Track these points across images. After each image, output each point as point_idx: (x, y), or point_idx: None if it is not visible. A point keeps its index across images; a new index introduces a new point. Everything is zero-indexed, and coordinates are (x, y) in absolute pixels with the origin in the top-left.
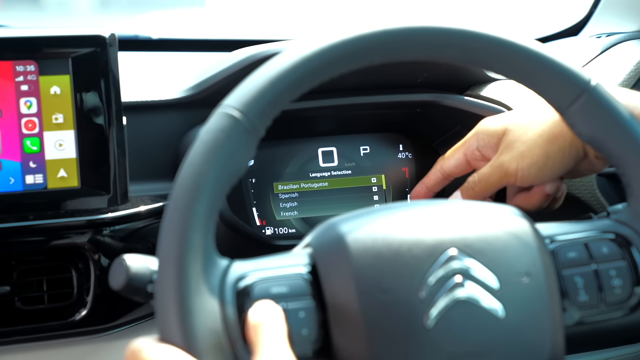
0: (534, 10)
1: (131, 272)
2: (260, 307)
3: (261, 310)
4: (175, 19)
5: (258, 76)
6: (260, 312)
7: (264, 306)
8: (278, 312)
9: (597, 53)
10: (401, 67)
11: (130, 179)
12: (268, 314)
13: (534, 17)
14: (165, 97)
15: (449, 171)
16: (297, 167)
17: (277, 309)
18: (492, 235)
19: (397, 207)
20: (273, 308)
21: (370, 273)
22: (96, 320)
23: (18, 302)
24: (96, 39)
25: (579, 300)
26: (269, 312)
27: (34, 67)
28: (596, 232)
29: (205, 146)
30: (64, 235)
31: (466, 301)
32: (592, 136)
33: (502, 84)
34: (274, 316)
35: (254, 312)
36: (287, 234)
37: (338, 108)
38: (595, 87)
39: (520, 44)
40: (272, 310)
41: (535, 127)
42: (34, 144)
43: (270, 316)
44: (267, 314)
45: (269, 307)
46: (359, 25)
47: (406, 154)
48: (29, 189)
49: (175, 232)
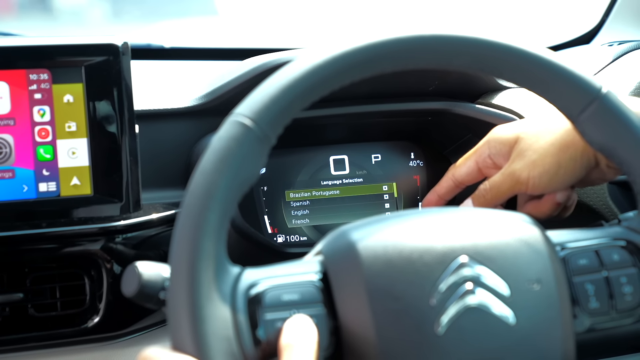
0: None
1: (143, 279)
2: (294, 325)
3: (295, 330)
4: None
5: (269, 84)
6: (293, 332)
7: (298, 324)
8: (311, 331)
9: (608, 61)
10: (412, 75)
11: (143, 187)
12: (301, 335)
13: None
14: (177, 105)
15: (460, 179)
16: (308, 175)
17: (311, 328)
18: (502, 243)
19: (408, 214)
20: (307, 327)
21: (381, 280)
22: (109, 328)
23: (31, 309)
24: (109, 48)
25: (590, 307)
26: (301, 333)
27: (47, 76)
28: (607, 240)
29: (217, 154)
30: (76, 242)
31: (477, 308)
32: (603, 144)
33: (514, 92)
34: (305, 338)
35: (288, 331)
36: (298, 241)
37: (349, 116)
38: (607, 95)
39: (532, 52)
40: (305, 331)
41: (547, 136)
42: (47, 152)
43: (302, 338)
44: (300, 335)
45: (303, 325)
46: (370, 33)
47: (417, 162)
48: (42, 197)
49: (187, 239)
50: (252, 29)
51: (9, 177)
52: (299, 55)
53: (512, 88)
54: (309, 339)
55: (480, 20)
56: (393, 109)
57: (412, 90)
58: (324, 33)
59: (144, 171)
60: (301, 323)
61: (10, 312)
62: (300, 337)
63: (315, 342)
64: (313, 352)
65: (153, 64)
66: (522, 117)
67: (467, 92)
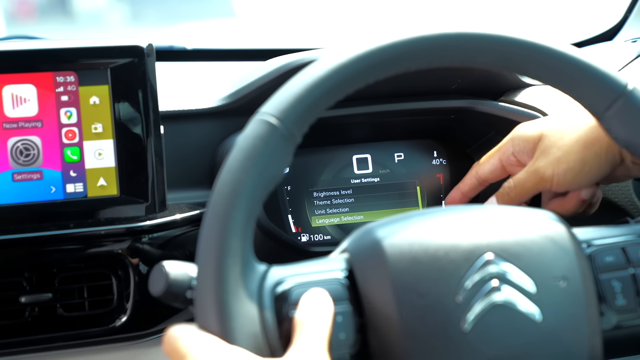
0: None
1: (170, 278)
2: (310, 301)
3: (309, 305)
4: (206, 30)
5: (295, 83)
6: (307, 308)
7: (314, 299)
8: (327, 306)
9: (632, 57)
10: (435, 74)
11: (168, 187)
12: (316, 311)
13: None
14: (201, 106)
15: (484, 176)
16: (332, 175)
17: (326, 303)
18: (528, 240)
19: (433, 212)
20: (322, 302)
21: (407, 277)
22: (136, 327)
23: (60, 309)
24: (134, 50)
25: (617, 305)
26: (317, 309)
27: (73, 78)
28: (633, 237)
29: (243, 153)
30: (103, 243)
31: (503, 305)
32: (628, 141)
33: (537, 90)
34: (320, 314)
35: (303, 307)
36: (322, 240)
37: (372, 115)
38: (632, 91)
39: (557, 49)
40: (321, 306)
41: (571, 133)
42: (74, 153)
43: (317, 314)
44: (315, 311)
45: (318, 300)
46: (394, 32)
47: (440, 160)
48: (70, 198)
49: (214, 237)
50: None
51: (37, 178)
52: (323, 54)
53: (535, 85)
54: (324, 315)
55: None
56: (416, 108)
57: (435, 88)
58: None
59: (169, 172)
60: (316, 298)
61: (40, 312)
62: (314, 313)
63: (330, 317)
64: (326, 328)
65: (176, 65)
66: (545, 115)
67: (490, 90)
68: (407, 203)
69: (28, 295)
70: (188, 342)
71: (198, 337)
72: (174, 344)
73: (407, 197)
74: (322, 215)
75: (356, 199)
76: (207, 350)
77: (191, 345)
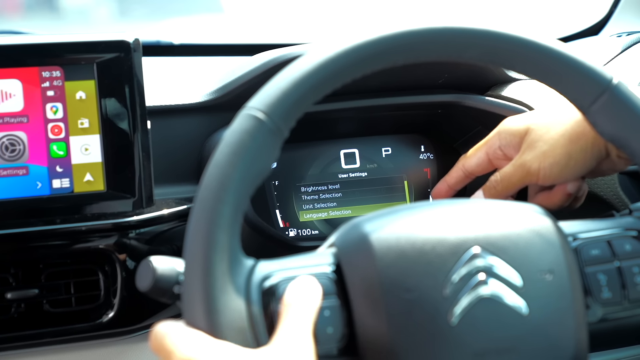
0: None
1: (158, 274)
2: (297, 285)
3: (297, 289)
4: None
5: (282, 78)
6: (295, 292)
7: (302, 285)
8: (314, 291)
9: (617, 52)
10: (422, 68)
11: (155, 183)
12: (302, 295)
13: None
14: (188, 101)
15: (470, 170)
16: (319, 169)
17: (314, 288)
18: (515, 233)
19: (420, 206)
20: (310, 287)
21: (394, 272)
22: (123, 322)
23: (46, 305)
24: (120, 45)
25: (602, 298)
26: (303, 293)
27: (59, 73)
28: (619, 230)
29: (230, 147)
30: (90, 238)
31: (490, 299)
32: (614, 134)
33: (523, 84)
34: (306, 299)
35: (290, 291)
36: (310, 235)
37: (359, 110)
38: (617, 85)
39: (543, 44)
40: (307, 292)
41: (557, 127)
42: (61, 148)
43: (303, 299)
44: (301, 295)
45: (306, 285)
46: (382, 26)
47: (428, 154)
48: (56, 193)
49: (202, 232)
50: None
51: (22, 174)
52: (310, 49)
53: (521, 80)
54: (310, 299)
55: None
56: (403, 102)
57: (422, 83)
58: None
59: (156, 167)
60: (304, 283)
61: (26, 308)
62: (301, 296)
63: (317, 302)
64: (312, 312)
65: (163, 60)
66: (532, 109)
67: (476, 85)
68: (395, 197)
69: (14, 291)
70: (175, 340)
71: (185, 334)
72: (160, 341)
73: (394, 192)
74: (309, 210)
75: (344, 194)
76: (194, 348)
77: (178, 342)
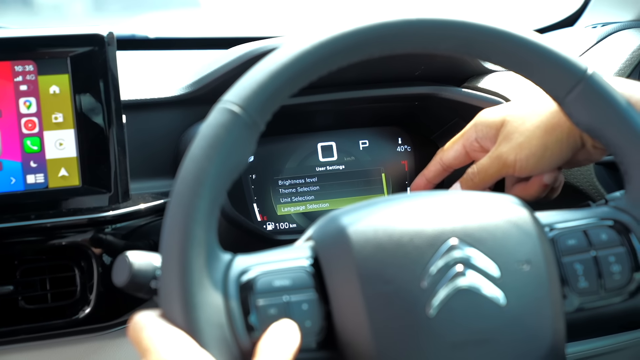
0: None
1: (134, 269)
2: (278, 330)
3: (277, 334)
4: (170, 20)
5: (257, 71)
6: (274, 335)
7: (282, 330)
8: (292, 341)
9: (592, 43)
10: (399, 60)
11: (131, 177)
12: (279, 341)
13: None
14: (164, 94)
15: (448, 163)
16: (296, 163)
17: (293, 338)
18: (492, 224)
19: (398, 198)
20: (289, 336)
21: (372, 264)
22: (100, 318)
23: (22, 302)
24: (94, 38)
25: (579, 287)
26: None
27: (32, 67)
28: (595, 220)
29: (205, 141)
30: (65, 234)
31: (467, 290)
32: (589, 125)
33: (500, 76)
34: (282, 347)
35: (270, 333)
36: (288, 229)
37: (337, 102)
38: (592, 75)
39: (518, 35)
40: (285, 339)
41: (533, 118)
42: (35, 143)
43: (280, 345)
44: (279, 341)
45: (285, 333)
46: (357, 18)
47: (405, 147)
48: (31, 189)
49: (178, 226)
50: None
51: None
52: (285, 41)
53: (498, 71)
54: (287, 347)
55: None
56: (380, 95)
57: (399, 75)
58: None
59: (132, 161)
60: (284, 329)
61: (1, 304)
62: (278, 342)
63: (293, 350)
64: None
65: (138, 54)
66: (508, 100)
67: (453, 76)
68: (372, 190)
69: None
70: (152, 334)
71: (162, 329)
72: (138, 334)
73: (372, 184)
74: (287, 204)
75: (321, 187)
76: (172, 353)
77: (155, 338)
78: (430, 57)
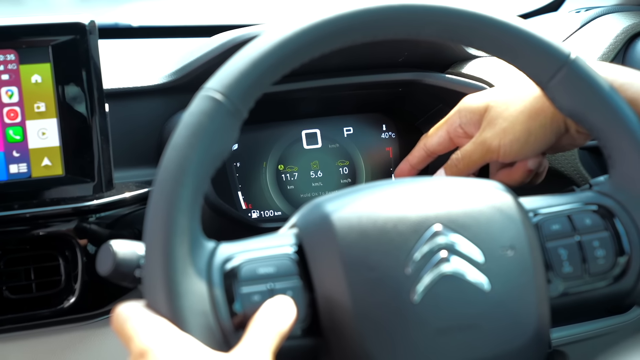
0: None
1: (118, 258)
2: (274, 304)
3: (272, 308)
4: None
5: (239, 58)
6: (269, 310)
7: (277, 305)
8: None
9: (576, 28)
10: (382, 47)
11: (115, 166)
12: (274, 315)
13: None
14: (147, 83)
15: (432, 149)
16: (281, 150)
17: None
18: (476, 210)
19: (382, 185)
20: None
21: (356, 251)
22: (85, 307)
23: (6, 292)
24: (76, 27)
25: (564, 272)
26: (276, 313)
27: (14, 56)
28: (579, 204)
29: (188, 129)
30: (49, 223)
31: (452, 276)
32: (572, 109)
33: (483, 61)
34: (277, 320)
35: (266, 307)
36: (273, 216)
37: (320, 89)
38: (575, 60)
39: (500, 20)
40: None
41: (516, 104)
42: (17, 133)
43: (274, 318)
44: (273, 315)
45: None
46: (339, 4)
47: (389, 133)
48: (13, 179)
49: (161, 215)
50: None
51: None
52: (267, 29)
53: (481, 57)
54: (282, 321)
55: None
56: (364, 81)
57: (382, 61)
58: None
59: (115, 150)
60: (281, 303)
61: None
62: (273, 316)
63: (288, 324)
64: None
65: (121, 43)
66: (492, 86)
67: (437, 62)
68: (357, 177)
69: None
70: (136, 324)
71: (146, 319)
72: (122, 324)
73: (356, 172)
74: (272, 191)
75: (306, 174)
76: (153, 338)
77: (139, 328)
78: (413, 43)
